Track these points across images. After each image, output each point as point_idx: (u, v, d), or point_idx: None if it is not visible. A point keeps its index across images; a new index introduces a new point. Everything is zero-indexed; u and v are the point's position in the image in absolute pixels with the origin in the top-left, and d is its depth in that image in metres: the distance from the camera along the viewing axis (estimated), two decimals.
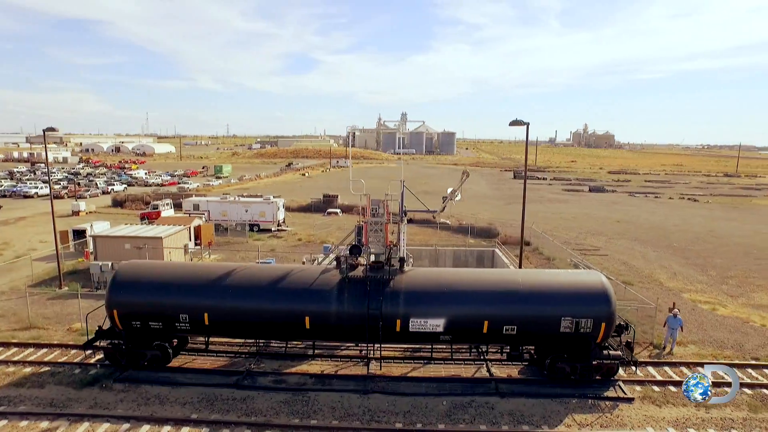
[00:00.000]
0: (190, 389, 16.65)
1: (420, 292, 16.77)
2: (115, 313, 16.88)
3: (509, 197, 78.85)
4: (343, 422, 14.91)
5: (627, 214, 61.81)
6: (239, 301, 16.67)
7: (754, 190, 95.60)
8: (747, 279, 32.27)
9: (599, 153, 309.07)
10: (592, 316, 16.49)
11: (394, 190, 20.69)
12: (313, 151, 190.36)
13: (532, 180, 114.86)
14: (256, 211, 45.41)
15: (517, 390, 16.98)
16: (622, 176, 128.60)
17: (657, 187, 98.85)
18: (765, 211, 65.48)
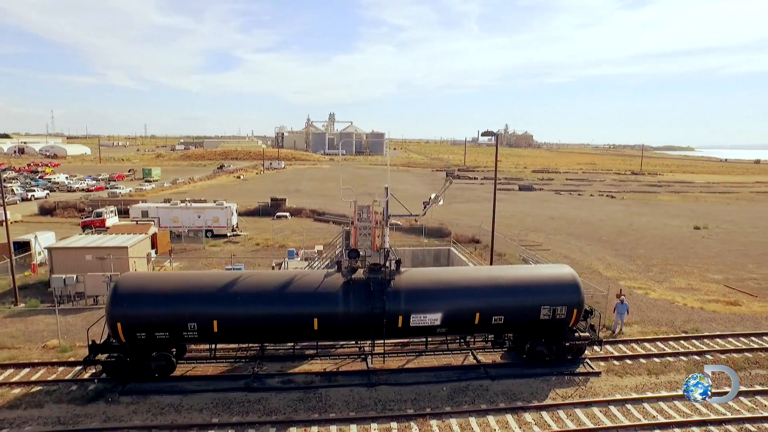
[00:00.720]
0: (202, 396, 17.03)
1: (419, 291, 18.34)
2: (119, 325, 16.85)
3: (448, 197, 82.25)
4: (360, 413, 16.13)
5: (558, 211, 67.23)
6: (249, 308, 17.30)
7: (657, 186, 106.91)
8: (666, 266, 37.05)
9: (520, 152, 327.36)
10: (566, 304, 18.96)
11: (363, 195, 21.87)
12: (242, 152, 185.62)
13: (464, 180, 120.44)
14: (210, 217, 44.67)
15: (504, 373, 19.08)
16: (545, 175, 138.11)
17: (578, 185, 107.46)
18: (669, 206, 73.92)
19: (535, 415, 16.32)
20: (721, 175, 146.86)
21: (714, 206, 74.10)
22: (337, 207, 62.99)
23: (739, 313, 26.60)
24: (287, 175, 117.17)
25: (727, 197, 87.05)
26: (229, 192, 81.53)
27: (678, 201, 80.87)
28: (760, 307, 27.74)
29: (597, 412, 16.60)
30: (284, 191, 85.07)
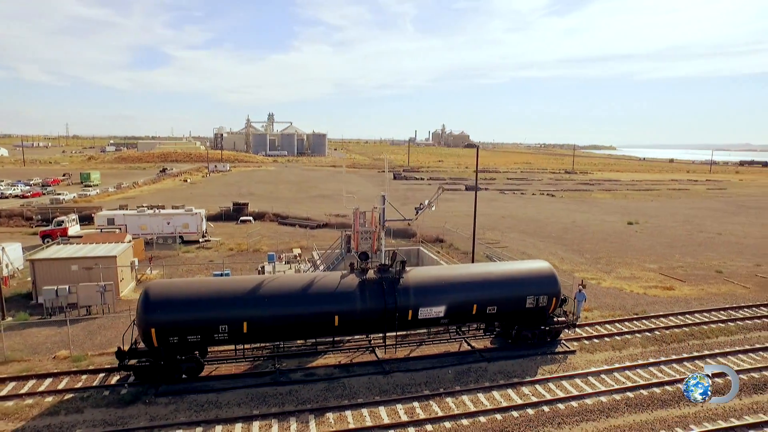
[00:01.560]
0: (235, 392, 18.45)
1: (426, 287, 20.72)
2: (153, 331, 17.89)
3: (403, 198, 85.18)
4: (384, 396, 18.26)
5: (506, 210, 72.06)
6: (275, 309, 18.91)
7: (590, 185, 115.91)
8: (611, 259, 41.81)
9: (458, 152, 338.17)
10: (546, 293, 22.08)
11: (356, 200, 23.97)
12: (182, 154, 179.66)
13: (411, 181, 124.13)
14: (179, 223, 44.63)
15: (497, 356, 21.90)
16: (487, 174, 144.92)
17: (519, 185, 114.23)
18: (603, 204, 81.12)
19: (530, 388, 19.21)
20: (641, 173, 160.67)
21: (640, 203, 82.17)
22: (298, 210, 64.23)
23: (674, 296, 31.20)
24: (235, 178, 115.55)
25: (650, 194, 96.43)
26: (180, 196, 79.81)
27: (610, 198, 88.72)
28: (689, 290, 32.58)
29: (579, 382, 19.77)
30: (237, 195, 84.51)
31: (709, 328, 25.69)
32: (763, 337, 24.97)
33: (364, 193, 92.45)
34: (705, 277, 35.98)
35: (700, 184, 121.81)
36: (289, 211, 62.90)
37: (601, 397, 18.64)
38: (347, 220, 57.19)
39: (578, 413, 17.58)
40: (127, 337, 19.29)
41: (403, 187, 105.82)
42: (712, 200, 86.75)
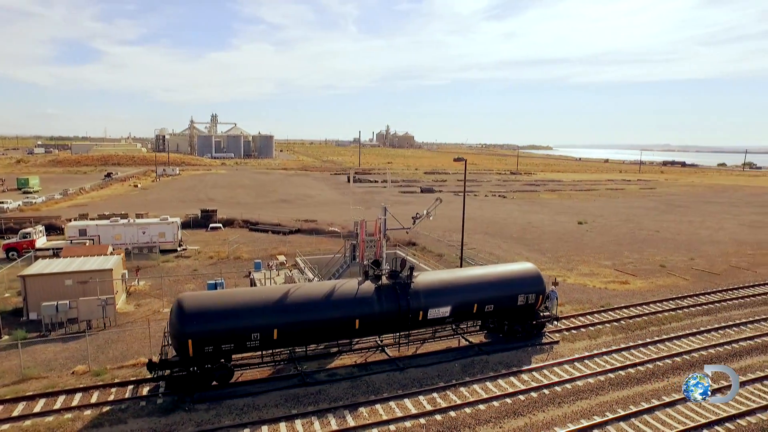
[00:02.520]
0: (269, 395, 19.86)
1: (434, 290, 22.99)
2: (190, 342, 18.95)
3: (364, 201, 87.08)
4: (405, 390, 20.32)
5: (466, 211, 75.53)
6: (303, 315, 20.48)
7: (536, 185, 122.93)
8: (570, 257, 45.96)
9: (404, 153, 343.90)
10: (534, 292, 24.98)
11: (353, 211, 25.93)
12: (124, 157, 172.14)
13: (366, 183, 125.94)
14: (155, 232, 44.35)
15: (494, 349, 24.54)
16: (437, 176, 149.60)
17: (470, 186, 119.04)
18: (552, 204, 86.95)
19: (529, 375, 21.96)
20: (580, 174, 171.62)
21: (584, 203, 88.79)
22: (263, 216, 64.55)
23: (630, 290, 35.34)
24: (187, 182, 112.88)
25: (592, 194, 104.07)
26: (135, 203, 77.67)
27: (557, 199, 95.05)
28: (642, 283, 36.93)
29: (568, 368, 22.76)
30: (195, 200, 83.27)
31: (663, 316, 29.71)
32: (705, 321, 29.26)
33: (326, 197, 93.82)
34: (652, 271, 40.68)
35: (633, 183, 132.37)
36: (255, 216, 63.14)
37: (588, 379, 21.68)
38: (318, 225, 58.67)
39: (572, 394, 20.48)
40: (152, 349, 20.12)
41: (360, 190, 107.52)
42: (645, 199, 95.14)
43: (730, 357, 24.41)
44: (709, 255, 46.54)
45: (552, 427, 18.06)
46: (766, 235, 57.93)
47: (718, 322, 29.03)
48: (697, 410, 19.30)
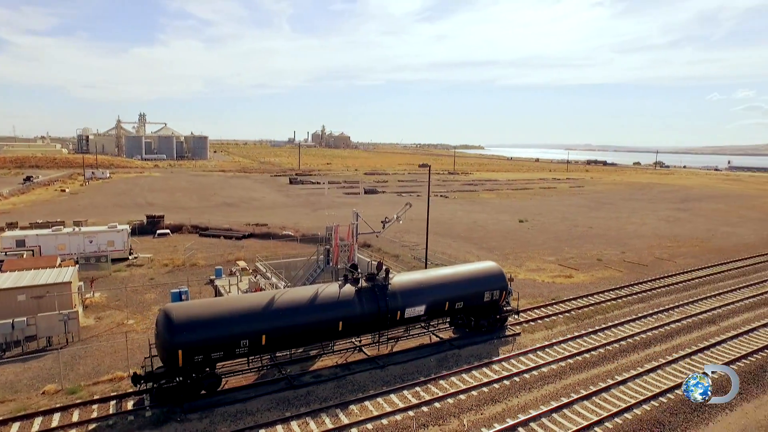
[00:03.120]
0: (259, 399, 20.29)
1: (410, 290, 24.32)
2: (180, 352, 19.02)
3: (309, 204, 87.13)
4: (390, 386, 21.48)
5: (411, 212, 77.55)
6: (289, 320, 21.08)
7: (474, 185, 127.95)
8: (517, 254, 49.08)
9: (341, 153, 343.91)
10: (498, 288, 27.02)
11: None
12: (44, 159, 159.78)
13: (308, 185, 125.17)
14: (103, 241, 42.46)
15: (464, 343, 26.28)
16: (378, 177, 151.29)
17: (412, 186, 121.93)
18: (492, 203, 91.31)
19: (499, 366, 23.88)
20: (514, 173, 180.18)
21: (522, 201, 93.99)
22: (214, 220, 63.18)
23: (574, 283, 38.63)
24: (121, 186, 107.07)
25: (527, 193, 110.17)
26: (65, 209, 73.05)
27: (496, 198, 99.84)
28: (584, 277, 40.44)
29: (532, 356, 24.95)
30: (133, 205, 79.58)
31: (606, 305, 32.95)
32: (641, 308, 32.77)
33: (271, 200, 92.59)
34: (590, 265, 44.51)
35: (563, 182, 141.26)
36: (202, 221, 61.68)
37: (551, 365, 23.92)
38: (270, 229, 58.31)
39: (540, 379, 22.59)
40: (128, 362, 19.95)
41: (304, 192, 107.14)
42: (576, 197, 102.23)
43: (664, 338, 27.72)
44: (636, 248, 51.46)
45: (527, 410, 19.97)
46: (680, 228, 64.64)
47: (651, 308, 32.63)
48: (645, 385, 22.02)
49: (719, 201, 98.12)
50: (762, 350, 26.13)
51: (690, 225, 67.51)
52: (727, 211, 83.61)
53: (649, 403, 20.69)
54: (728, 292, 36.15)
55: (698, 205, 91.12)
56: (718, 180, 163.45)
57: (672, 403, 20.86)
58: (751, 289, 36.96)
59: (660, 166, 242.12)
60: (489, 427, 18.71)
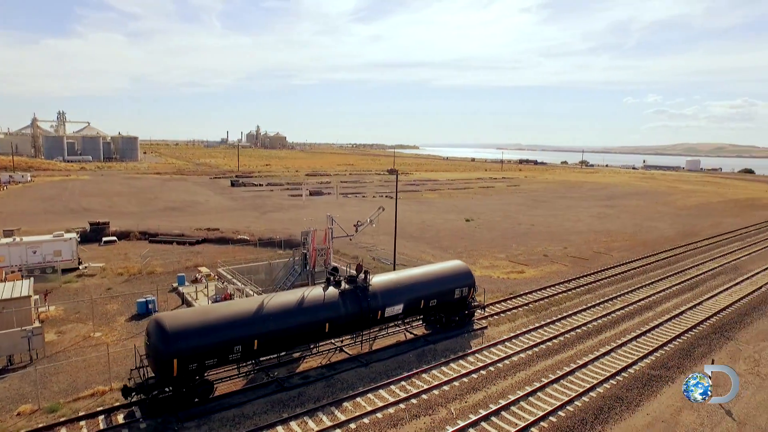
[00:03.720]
0: (253, 403, 20.71)
1: (389, 291, 25.58)
2: (175, 361, 19.09)
3: (255, 207, 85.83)
4: (378, 383, 22.61)
5: (361, 214, 78.72)
6: (279, 324, 21.65)
7: (416, 185, 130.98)
8: (469, 252, 51.65)
9: (278, 154, 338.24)
10: (466, 285, 28.93)
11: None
12: None
13: (251, 187, 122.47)
14: (49, 251, 40.13)
15: (437, 338, 27.91)
16: (320, 178, 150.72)
17: (355, 187, 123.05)
18: (436, 203, 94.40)
19: (473, 357, 25.71)
20: (452, 173, 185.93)
21: (464, 201, 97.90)
22: (165, 226, 60.95)
23: (527, 277, 41.56)
24: (46, 191, 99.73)
25: (468, 192, 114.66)
26: None
27: (440, 198, 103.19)
28: (534, 272, 43.56)
29: (501, 347, 27.03)
30: (66, 211, 74.89)
31: (558, 297, 35.94)
32: (588, 299, 36.05)
33: (216, 203, 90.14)
34: (538, 260, 47.89)
35: (500, 181, 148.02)
36: (148, 227, 59.38)
37: (520, 354, 26.11)
38: (223, 234, 57.27)
39: (512, 368, 24.65)
40: (108, 375, 19.77)
41: (248, 195, 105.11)
42: (514, 196, 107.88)
43: (612, 324, 30.88)
44: (576, 243, 55.81)
45: (506, 395, 21.88)
46: (610, 224, 70.55)
47: (597, 298, 36.00)
48: (603, 367, 24.68)
49: (639, 198, 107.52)
50: (691, 329, 29.90)
51: (618, 221, 73.82)
52: (647, 207, 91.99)
53: (608, 382, 23.31)
54: (659, 280, 40.53)
55: (623, 202, 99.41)
56: (635, 178, 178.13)
57: (626, 380, 23.63)
58: (677, 277, 41.64)
59: (585, 165, 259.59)
60: (475, 413, 20.38)
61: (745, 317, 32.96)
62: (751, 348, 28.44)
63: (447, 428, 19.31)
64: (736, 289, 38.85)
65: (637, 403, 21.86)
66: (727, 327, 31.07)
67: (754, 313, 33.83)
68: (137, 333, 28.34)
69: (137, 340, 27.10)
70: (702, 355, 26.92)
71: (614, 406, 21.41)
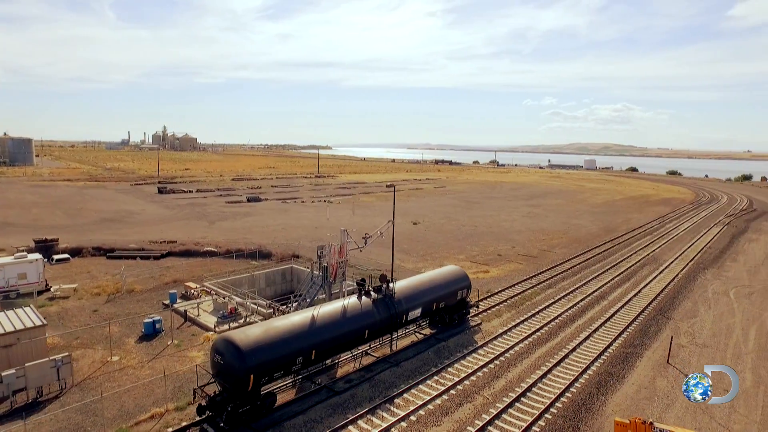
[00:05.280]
0: (314, 409, 22.64)
1: (409, 296, 28.54)
2: (252, 377, 20.58)
3: (199, 216, 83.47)
4: (414, 380, 25.47)
5: (309, 220, 79.80)
6: (330, 333, 23.77)
7: (347, 188, 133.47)
8: (431, 254, 55.69)
9: (190, 156, 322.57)
10: (466, 287, 32.70)
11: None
12: None
13: (180, 194, 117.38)
14: (13, 274, 37.66)
15: (445, 336, 31.32)
16: (248, 182, 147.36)
17: (289, 192, 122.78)
18: (375, 207, 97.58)
19: (483, 350, 29.48)
20: (377, 174, 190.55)
21: (401, 203, 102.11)
22: (111, 240, 58.10)
23: (493, 277, 46.39)
24: None
25: (400, 194, 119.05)
26: None
27: (376, 201, 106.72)
28: (497, 271, 48.57)
29: (502, 340, 31.10)
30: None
31: (529, 293, 41.00)
32: (552, 293, 41.50)
33: (153, 213, 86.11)
34: (495, 260, 53.13)
35: (425, 183, 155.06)
36: (90, 240, 56.38)
37: (520, 344, 30.35)
38: (187, 246, 55.95)
39: (518, 356, 28.76)
40: (157, 396, 20.87)
41: (183, 202, 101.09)
42: (445, 197, 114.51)
43: (580, 314, 36.33)
44: (521, 242, 62.19)
45: (524, 379, 25.86)
46: (542, 223, 78.67)
47: (559, 292, 41.60)
48: (587, 351, 29.61)
49: (557, 197, 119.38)
50: (641, 314, 36.16)
51: (548, 219, 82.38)
52: (567, 205, 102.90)
53: (597, 362, 28.21)
54: (602, 273, 47.41)
55: (544, 201, 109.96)
56: (545, 177, 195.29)
57: (609, 359, 28.79)
58: (614, 270, 48.89)
59: (497, 165, 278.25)
60: (507, 396, 24.07)
61: (674, 300, 40.24)
62: (685, 324, 35.19)
63: (491, 411, 22.78)
64: (661, 277, 46.68)
65: (623, 375, 26.92)
66: (665, 309, 37.91)
67: (680, 296, 41.34)
68: (156, 354, 28.65)
69: (163, 361, 27.64)
70: (654, 333, 33.06)
71: (608, 380, 26.26)
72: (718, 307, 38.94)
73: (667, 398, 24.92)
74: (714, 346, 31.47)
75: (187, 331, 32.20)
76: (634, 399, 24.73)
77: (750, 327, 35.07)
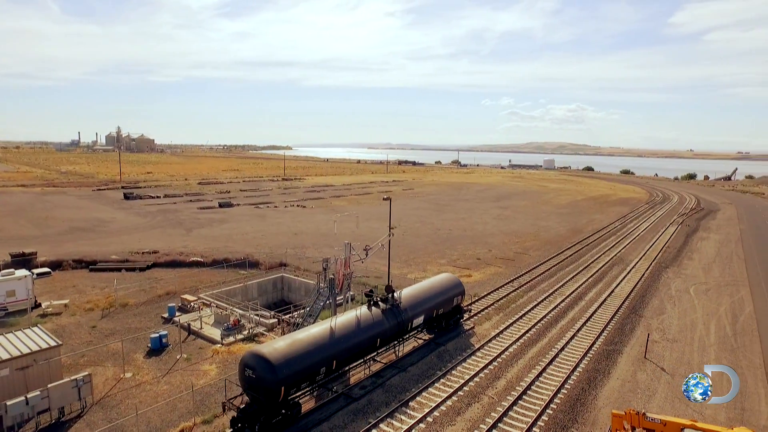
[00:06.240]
0: (336, 416, 24.13)
1: (413, 304, 30.37)
2: (283, 388, 21.89)
3: (173, 223, 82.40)
4: (423, 383, 27.35)
5: (286, 225, 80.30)
6: (347, 344, 25.29)
7: (317, 191, 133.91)
8: (414, 259, 57.74)
9: (148, 158, 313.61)
10: (460, 293, 34.90)
11: None
12: None
13: (148, 200, 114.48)
14: (1, 292, 37.12)
15: (444, 340, 33.37)
16: (215, 186, 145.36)
17: (259, 196, 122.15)
18: (349, 210, 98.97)
19: (481, 352, 31.70)
20: (344, 176, 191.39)
21: (374, 207, 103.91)
22: (86, 251, 57.07)
23: (477, 280, 48.90)
24: None
25: (371, 198, 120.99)
26: None
27: (349, 205, 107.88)
28: (479, 274, 51.14)
29: (497, 342, 33.43)
30: None
31: (513, 296, 43.68)
32: (534, 294, 44.31)
33: (125, 221, 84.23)
34: (475, 263, 55.75)
35: (392, 185, 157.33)
36: (66, 252, 55.31)
37: (514, 345, 32.76)
38: (172, 257, 55.61)
39: (513, 356, 31.14)
40: (181, 411, 22.05)
41: (154, 209, 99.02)
42: (415, 200, 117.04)
43: (562, 314, 39.22)
44: (496, 245, 65.21)
45: (523, 378, 28.21)
46: (513, 225, 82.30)
47: (540, 294, 44.50)
48: (575, 349, 32.35)
49: (522, 197, 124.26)
50: (617, 313, 39.41)
51: (517, 222, 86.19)
52: (533, 207, 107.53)
53: (585, 359, 30.95)
54: (576, 274, 50.80)
55: (511, 203, 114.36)
56: (508, 177, 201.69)
57: (595, 355, 31.59)
58: (587, 271, 52.41)
59: (459, 165, 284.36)
60: (510, 395, 26.32)
61: (643, 298, 43.91)
62: (656, 321, 38.68)
63: (498, 410, 24.95)
64: (629, 277, 50.54)
65: (609, 371, 29.75)
66: (637, 307, 41.41)
67: (647, 294, 45.09)
68: (168, 369, 29.32)
69: (177, 375, 28.39)
70: (630, 331, 36.28)
71: (597, 376, 29.00)
72: (681, 304, 42.83)
73: (648, 390, 27.86)
74: (682, 340, 34.94)
75: (194, 345, 32.87)
76: (621, 392, 27.53)
77: (710, 321, 38.93)
